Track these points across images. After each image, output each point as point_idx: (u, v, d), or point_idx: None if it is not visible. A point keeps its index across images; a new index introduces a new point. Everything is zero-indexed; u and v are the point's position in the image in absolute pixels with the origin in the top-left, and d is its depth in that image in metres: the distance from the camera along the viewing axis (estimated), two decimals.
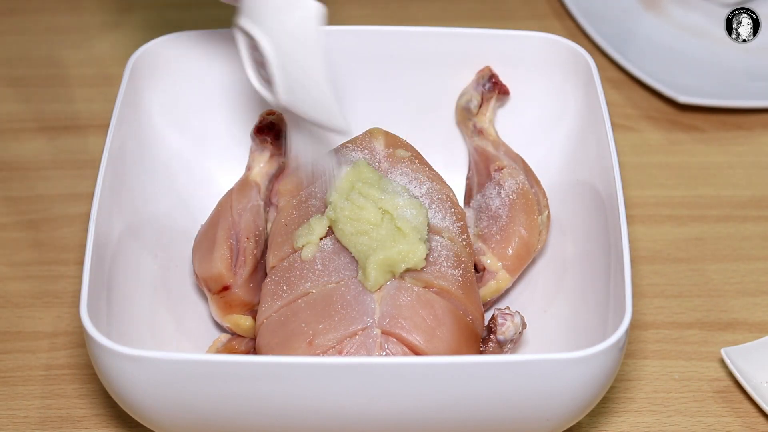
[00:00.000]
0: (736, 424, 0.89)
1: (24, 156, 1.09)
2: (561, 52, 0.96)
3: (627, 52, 1.16)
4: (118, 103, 0.91)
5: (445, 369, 0.74)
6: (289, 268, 0.85)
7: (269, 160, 0.95)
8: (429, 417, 0.77)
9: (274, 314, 0.83)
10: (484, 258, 0.90)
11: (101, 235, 0.83)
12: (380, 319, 0.81)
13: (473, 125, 0.98)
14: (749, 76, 1.16)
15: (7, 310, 0.96)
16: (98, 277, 0.81)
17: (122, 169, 0.89)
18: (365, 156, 0.91)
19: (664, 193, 1.06)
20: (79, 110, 1.13)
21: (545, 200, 0.94)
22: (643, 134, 1.12)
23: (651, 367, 0.92)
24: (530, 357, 0.75)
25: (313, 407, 0.76)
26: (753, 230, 1.03)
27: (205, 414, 0.77)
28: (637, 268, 0.98)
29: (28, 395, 0.90)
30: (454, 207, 0.90)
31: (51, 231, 1.02)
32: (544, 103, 0.98)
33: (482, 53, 0.98)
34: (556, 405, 0.77)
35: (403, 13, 1.24)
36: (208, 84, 0.98)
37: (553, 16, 1.24)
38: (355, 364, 0.74)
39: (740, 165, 1.09)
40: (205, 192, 0.97)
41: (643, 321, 0.95)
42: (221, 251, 0.88)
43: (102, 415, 0.89)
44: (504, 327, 0.83)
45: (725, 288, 0.98)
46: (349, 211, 0.84)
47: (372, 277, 0.82)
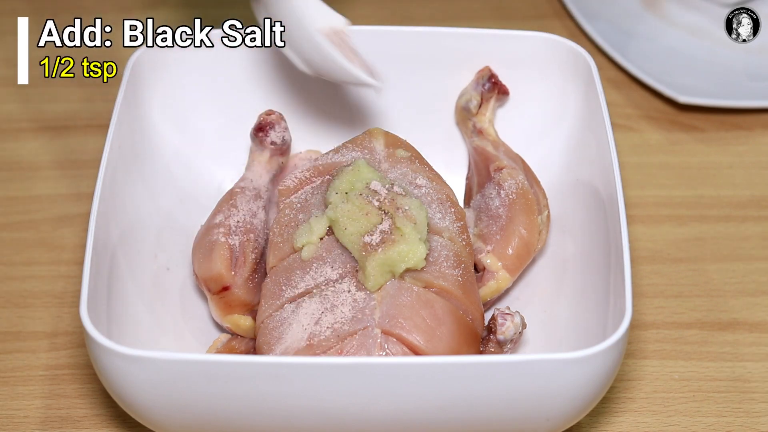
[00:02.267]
0: (736, 424, 0.89)
1: (24, 156, 1.09)
2: (561, 52, 0.96)
3: (627, 52, 1.16)
4: (118, 103, 0.91)
5: (445, 369, 0.74)
6: (289, 268, 0.85)
7: (269, 160, 0.95)
8: (429, 417, 0.77)
9: (274, 314, 0.83)
10: (484, 258, 0.90)
11: (101, 235, 0.83)
12: (380, 319, 0.81)
13: (473, 125, 0.98)
14: (749, 76, 1.16)
15: (7, 310, 0.96)
16: (98, 277, 0.81)
17: (122, 169, 0.89)
18: (365, 156, 0.91)
19: (664, 193, 1.06)
20: (79, 110, 1.13)
21: (545, 200, 0.94)
22: (643, 134, 1.12)
23: (651, 367, 0.92)
24: (530, 357, 0.75)
25: (313, 407, 0.76)
26: (753, 230, 1.03)
27: (205, 414, 0.77)
28: (637, 268, 0.98)
29: (29, 395, 0.90)
30: (454, 207, 0.90)
31: (51, 231, 1.02)
32: (544, 103, 0.98)
33: (482, 53, 0.98)
34: (556, 405, 0.77)
35: (403, 13, 1.24)
36: (208, 84, 0.98)
37: (553, 16, 1.24)
38: (355, 364, 0.74)
39: (740, 165, 1.09)
40: (205, 192, 0.97)
41: (643, 321, 0.95)
42: (221, 251, 0.88)
43: (102, 415, 0.89)
44: (504, 327, 0.83)
45: (725, 288, 0.98)
46: (349, 211, 0.84)
47: (372, 277, 0.82)
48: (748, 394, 0.91)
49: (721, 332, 0.95)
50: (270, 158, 0.95)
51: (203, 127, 0.99)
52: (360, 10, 1.23)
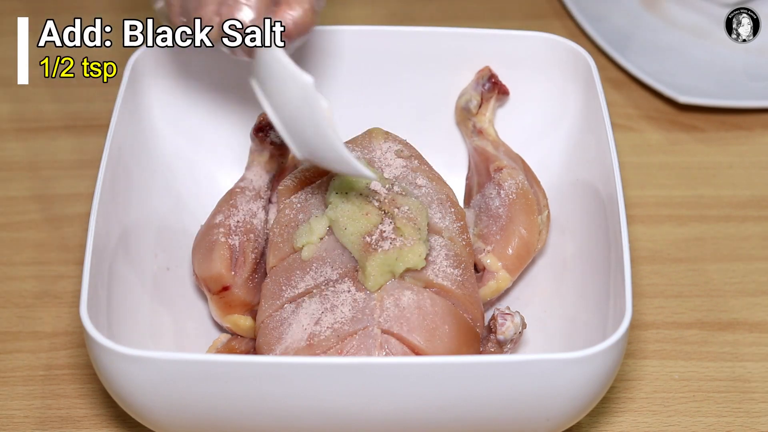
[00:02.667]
0: (736, 424, 0.89)
1: (24, 156, 1.09)
2: (561, 52, 0.96)
3: (627, 52, 1.16)
4: (118, 103, 0.91)
5: (445, 369, 0.74)
6: (289, 268, 0.85)
7: (269, 160, 0.95)
8: (429, 417, 0.77)
9: (274, 314, 0.83)
10: (484, 258, 0.90)
11: (101, 235, 0.83)
12: (380, 319, 0.81)
13: (473, 125, 0.98)
14: (749, 76, 1.16)
15: (7, 310, 0.96)
16: (98, 277, 0.81)
17: (122, 169, 0.89)
18: (365, 156, 0.91)
19: (664, 193, 1.06)
20: (79, 110, 1.13)
21: (545, 200, 0.94)
22: (643, 134, 1.12)
23: (651, 367, 0.92)
24: (530, 357, 0.75)
25: (313, 407, 0.76)
26: (753, 230, 1.03)
27: (205, 414, 0.77)
28: (637, 268, 0.98)
29: (28, 395, 0.90)
30: (454, 207, 0.90)
31: (51, 231, 1.02)
32: (544, 103, 0.98)
33: (482, 53, 0.98)
34: (556, 405, 0.77)
35: (403, 13, 1.24)
36: (208, 84, 0.98)
37: (553, 16, 1.24)
38: (355, 364, 0.74)
39: (740, 165, 1.09)
40: (205, 192, 0.97)
41: (643, 321, 0.95)
42: (221, 251, 0.88)
43: (102, 415, 0.89)
44: (504, 327, 0.83)
45: (725, 288, 0.98)
46: (349, 211, 0.84)
47: (372, 277, 0.82)
48: (748, 394, 0.91)
49: (721, 332, 0.95)
50: (270, 158, 0.95)
51: (203, 127, 0.99)
52: (360, 10, 1.23)
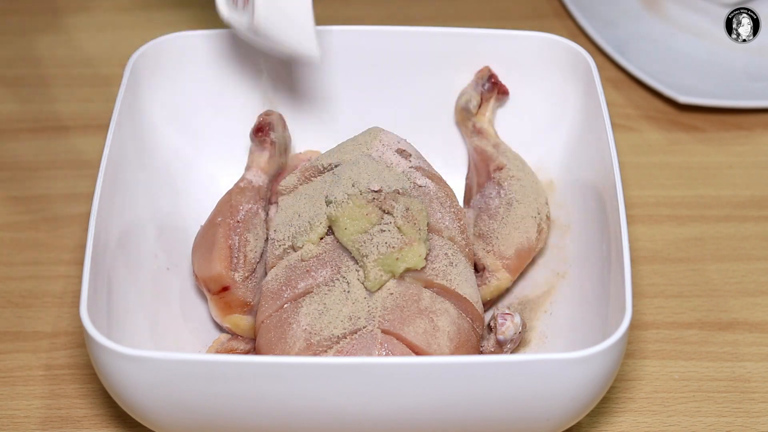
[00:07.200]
0: (736, 424, 0.89)
1: (24, 156, 1.09)
2: (561, 52, 0.96)
3: (627, 52, 1.16)
4: (118, 103, 0.91)
5: (445, 369, 0.74)
6: (289, 268, 0.85)
7: (269, 160, 0.95)
8: (429, 417, 0.77)
9: (274, 314, 0.83)
10: (484, 258, 0.90)
11: (101, 235, 0.83)
12: (380, 319, 0.81)
13: (473, 125, 0.98)
14: (749, 76, 1.16)
15: (7, 310, 0.96)
16: (98, 277, 0.81)
17: (122, 169, 0.89)
18: (365, 156, 0.91)
19: (664, 193, 1.06)
20: (78, 110, 1.13)
21: (545, 200, 0.94)
22: (643, 134, 1.12)
23: (651, 367, 0.92)
24: (530, 357, 0.75)
25: (313, 407, 0.76)
26: (753, 230, 1.03)
27: (205, 414, 0.77)
28: (637, 268, 0.98)
29: (29, 395, 0.90)
30: (454, 207, 0.90)
31: (51, 231, 1.02)
32: (544, 102, 0.98)
33: (482, 53, 0.98)
34: (556, 405, 0.77)
35: (403, 13, 1.24)
36: (208, 84, 0.98)
37: (553, 16, 1.24)
38: (355, 364, 0.74)
39: (740, 165, 1.09)
40: (205, 192, 0.97)
41: (643, 321, 0.95)
42: (221, 251, 0.88)
43: (102, 415, 0.89)
44: (504, 327, 0.83)
45: (725, 288, 0.98)
46: (349, 211, 0.84)
47: (372, 277, 0.82)
48: (748, 394, 0.91)
49: (721, 332, 0.95)
50: (270, 158, 0.95)
51: (203, 127, 0.99)
52: (360, 10, 1.23)
